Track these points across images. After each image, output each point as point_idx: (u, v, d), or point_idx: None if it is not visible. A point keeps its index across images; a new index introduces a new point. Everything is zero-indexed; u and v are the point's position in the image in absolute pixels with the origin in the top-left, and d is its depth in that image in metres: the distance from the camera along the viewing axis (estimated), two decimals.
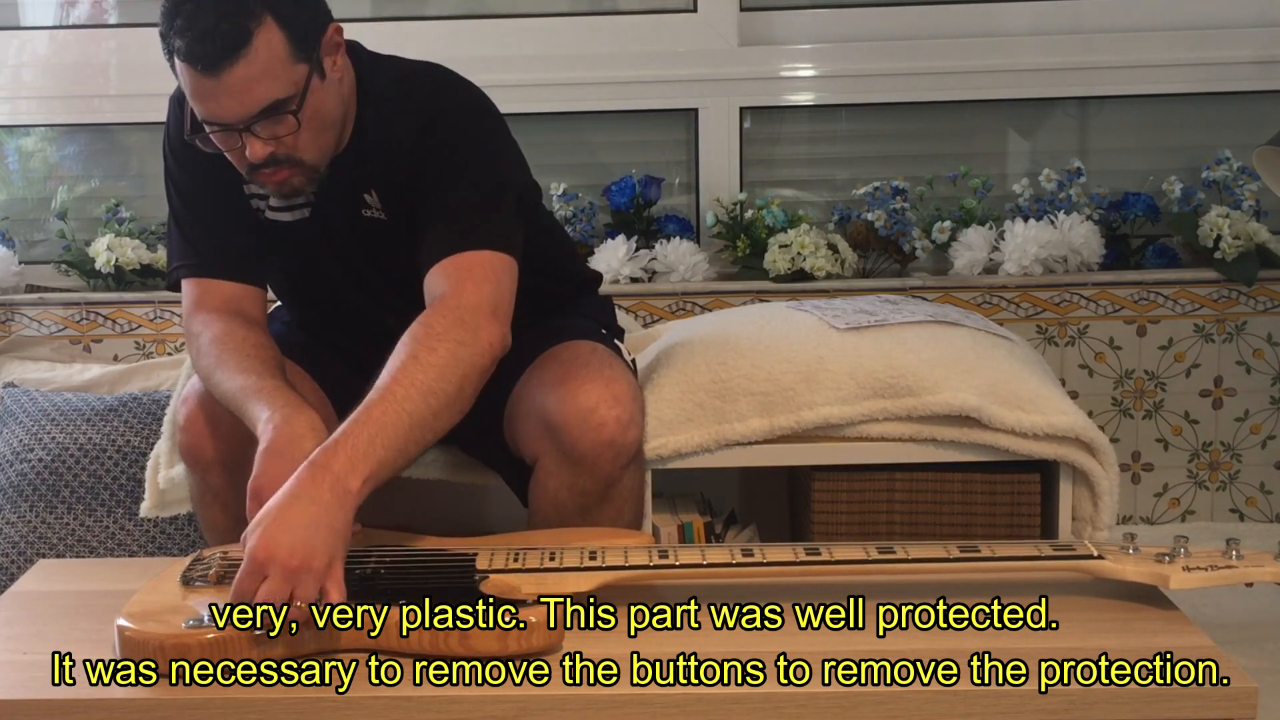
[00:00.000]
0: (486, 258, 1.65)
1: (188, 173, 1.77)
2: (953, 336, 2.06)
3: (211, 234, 1.77)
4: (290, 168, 1.64)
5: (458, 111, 1.73)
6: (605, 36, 2.78)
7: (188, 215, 1.79)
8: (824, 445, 1.98)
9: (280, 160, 1.62)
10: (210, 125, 1.60)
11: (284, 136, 1.60)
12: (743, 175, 2.80)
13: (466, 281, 1.62)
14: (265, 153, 1.60)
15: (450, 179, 1.69)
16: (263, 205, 1.79)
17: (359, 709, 1.31)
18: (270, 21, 1.55)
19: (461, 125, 1.72)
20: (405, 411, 1.47)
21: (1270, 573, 1.48)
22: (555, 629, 1.38)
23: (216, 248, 1.77)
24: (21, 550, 2.21)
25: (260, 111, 1.57)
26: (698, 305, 2.66)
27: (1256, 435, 2.71)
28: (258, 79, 1.55)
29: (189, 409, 1.74)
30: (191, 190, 1.78)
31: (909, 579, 1.57)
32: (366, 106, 1.73)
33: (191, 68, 1.55)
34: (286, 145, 1.61)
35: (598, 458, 1.68)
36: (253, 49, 1.54)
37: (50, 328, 2.70)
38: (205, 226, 1.77)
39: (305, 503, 1.37)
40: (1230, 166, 2.69)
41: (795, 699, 1.31)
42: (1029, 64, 2.75)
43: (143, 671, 1.34)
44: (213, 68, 1.54)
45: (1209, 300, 2.66)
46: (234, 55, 1.53)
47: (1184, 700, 1.30)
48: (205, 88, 1.56)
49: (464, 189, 1.69)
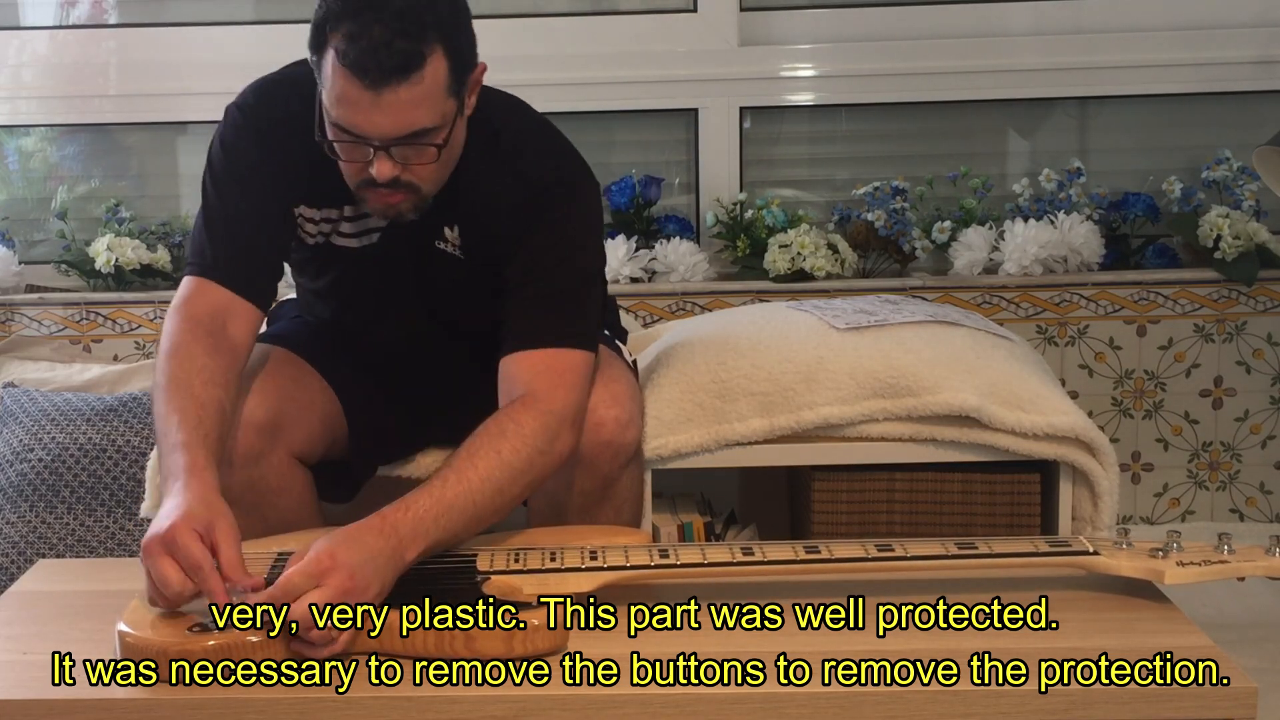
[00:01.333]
0: (578, 360, 1.65)
1: (237, 179, 1.71)
2: (953, 336, 2.06)
3: (235, 242, 1.70)
4: (405, 192, 1.61)
5: (571, 186, 1.71)
6: (605, 36, 2.78)
7: (219, 217, 1.71)
8: (824, 445, 1.99)
9: (400, 184, 1.59)
10: (343, 133, 1.55)
11: (416, 164, 1.58)
12: (743, 175, 2.80)
13: (559, 387, 1.62)
14: (391, 174, 1.57)
15: (553, 261, 1.68)
16: (329, 230, 1.76)
17: (359, 709, 1.31)
18: (440, 51, 1.52)
19: (573, 203, 1.71)
20: (474, 502, 1.50)
21: (1262, 567, 1.50)
22: (559, 630, 1.39)
23: (233, 255, 1.69)
24: (21, 550, 2.21)
25: (407, 136, 1.54)
26: (698, 305, 2.66)
27: (1256, 435, 2.72)
28: (416, 104, 1.52)
29: None
30: (234, 197, 1.71)
31: (908, 577, 1.57)
32: (471, 148, 1.69)
33: (353, 75, 1.50)
34: (414, 172, 1.59)
35: (596, 457, 1.69)
36: (421, 74, 1.50)
37: (50, 328, 2.70)
38: (233, 234, 1.70)
39: (370, 545, 1.41)
40: (1230, 166, 2.69)
41: (795, 699, 1.31)
42: (1029, 64, 2.75)
43: (143, 672, 1.34)
44: (377, 83, 1.49)
45: (1209, 300, 2.66)
46: (403, 76, 1.49)
47: (1184, 700, 1.30)
48: (361, 99, 1.51)
49: (564, 275, 1.68)
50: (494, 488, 1.52)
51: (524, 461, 1.55)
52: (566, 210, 1.70)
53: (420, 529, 1.45)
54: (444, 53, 1.52)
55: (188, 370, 1.58)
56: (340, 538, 1.41)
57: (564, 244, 1.69)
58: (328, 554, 1.38)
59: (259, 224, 1.71)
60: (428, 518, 1.46)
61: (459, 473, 1.51)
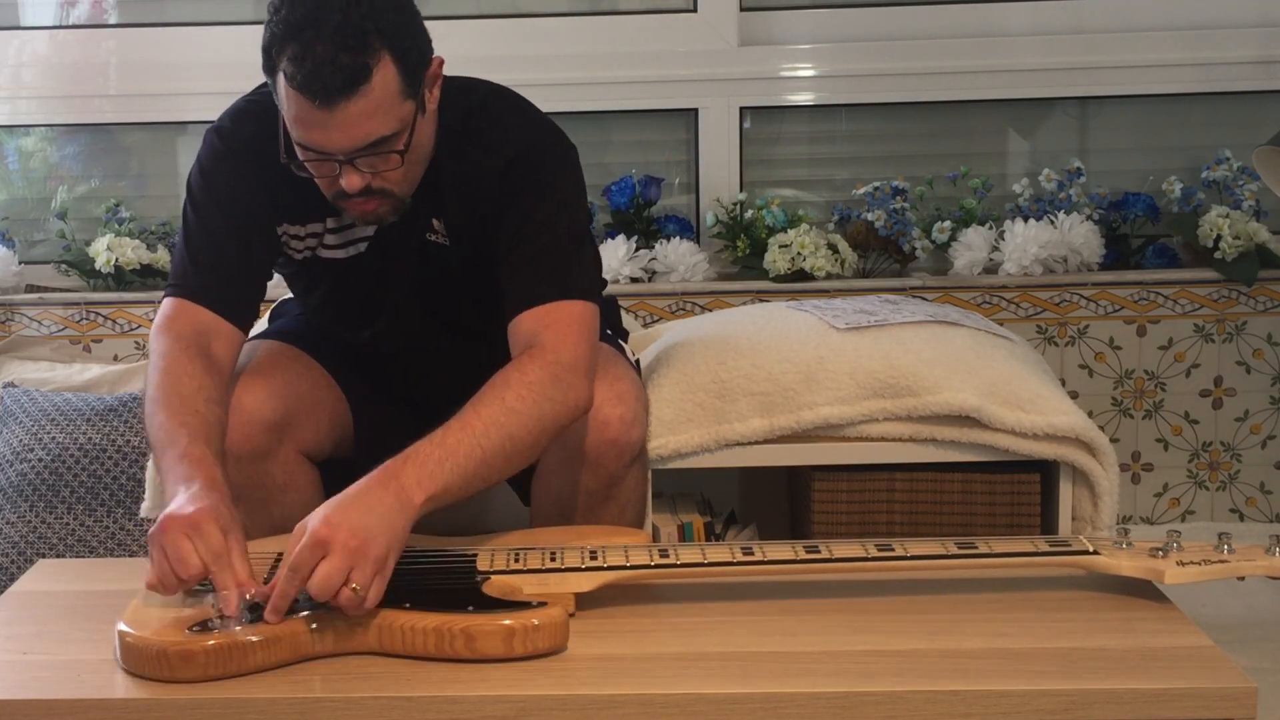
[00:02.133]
0: (580, 310, 1.65)
1: (216, 203, 1.71)
2: (953, 336, 2.06)
3: (217, 265, 1.70)
4: (380, 198, 1.62)
5: (543, 150, 1.71)
6: (605, 36, 2.78)
7: (201, 240, 1.72)
8: (824, 445, 1.99)
9: (373, 191, 1.60)
10: (307, 151, 1.57)
11: (384, 171, 1.58)
12: (743, 175, 2.80)
13: (565, 336, 1.61)
14: (361, 185, 1.58)
15: (538, 222, 1.68)
16: (314, 245, 1.76)
17: (359, 709, 1.31)
18: (387, 58, 1.52)
19: (548, 166, 1.71)
20: (480, 446, 1.47)
21: (1262, 567, 1.50)
22: (560, 630, 1.39)
23: (215, 278, 1.70)
24: (21, 550, 2.21)
25: (366, 147, 1.55)
26: (698, 305, 2.66)
27: (1256, 435, 2.72)
28: (370, 115, 1.52)
29: None
30: (214, 220, 1.72)
31: (908, 576, 1.57)
32: (444, 134, 1.70)
33: (303, 96, 1.50)
34: (384, 178, 1.59)
35: (601, 456, 1.69)
36: (370, 86, 1.51)
37: (50, 328, 2.70)
38: (215, 255, 1.70)
39: (370, 500, 1.39)
40: (1230, 166, 2.69)
41: (795, 699, 1.31)
42: (1029, 64, 2.75)
43: (144, 674, 1.34)
44: (327, 101, 1.49)
45: (1209, 300, 2.66)
46: (350, 91, 1.50)
47: (1184, 700, 1.30)
48: (314, 118, 1.52)
49: (552, 234, 1.68)
50: (501, 433, 1.49)
51: (532, 408, 1.53)
52: (545, 174, 1.70)
53: (424, 473, 1.43)
54: (391, 58, 1.53)
55: (189, 387, 1.58)
56: (335, 501, 1.39)
57: (547, 204, 1.69)
58: (323, 521, 1.36)
59: (240, 247, 1.71)
60: (430, 460, 1.44)
61: (462, 419, 1.49)
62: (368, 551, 1.35)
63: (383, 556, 1.36)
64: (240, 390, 1.68)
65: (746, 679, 1.33)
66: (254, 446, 1.67)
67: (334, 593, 1.34)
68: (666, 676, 1.34)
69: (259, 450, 1.68)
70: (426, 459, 1.44)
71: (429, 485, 1.43)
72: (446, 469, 1.44)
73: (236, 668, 1.34)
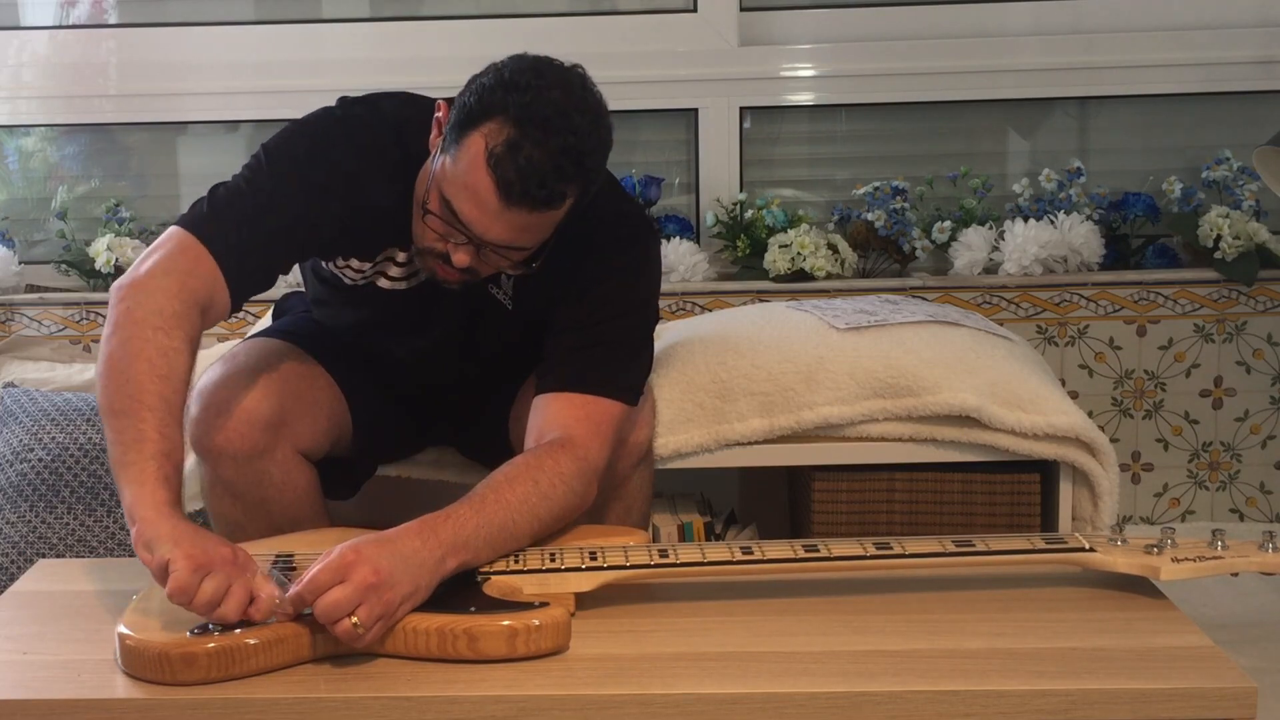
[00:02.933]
0: (618, 412, 1.65)
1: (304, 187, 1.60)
2: (953, 336, 2.06)
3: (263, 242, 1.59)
4: (465, 274, 1.61)
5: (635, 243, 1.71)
6: (605, 36, 2.78)
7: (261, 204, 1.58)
8: (824, 445, 1.99)
9: (469, 269, 1.59)
10: (452, 217, 1.53)
11: (497, 263, 1.58)
12: (743, 175, 2.80)
13: (596, 438, 1.61)
14: (468, 264, 1.57)
15: (617, 311, 1.68)
16: (375, 276, 1.73)
17: (359, 709, 1.31)
18: (575, 193, 1.53)
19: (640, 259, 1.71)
20: (511, 521, 1.48)
21: (1256, 562, 1.50)
22: (563, 630, 1.39)
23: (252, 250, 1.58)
24: (21, 550, 2.21)
25: (509, 247, 1.55)
26: (698, 305, 2.66)
27: (1256, 435, 2.72)
28: (535, 231, 1.54)
29: (202, 401, 1.73)
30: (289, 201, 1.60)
31: (907, 575, 1.57)
32: None
33: (493, 183, 1.48)
34: (488, 266, 1.59)
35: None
36: (556, 211, 1.52)
37: (50, 328, 2.70)
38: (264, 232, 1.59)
39: (404, 548, 1.38)
40: (1230, 166, 2.69)
41: (795, 699, 1.31)
42: (1029, 64, 2.75)
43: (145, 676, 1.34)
44: (511, 203, 1.49)
45: (1209, 300, 2.66)
46: (539, 209, 1.50)
47: (1184, 700, 1.30)
48: (489, 205, 1.50)
49: (626, 329, 1.69)
50: (530, 513, 1.50)
51: (560, 496, 1.54)
52: (631, 264, 1.69)
53: (460, 539, 1.42)
54: (578, 194, 1.54)
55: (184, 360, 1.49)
56: (372, 537, 1.39)
57: (628, 298, 1.69)
58: (352, 549, 1.36)
59: (291, 240, 1.63)
60: (468, 527, 1.44)
61: (498, 492, 1.49)
62: (383, 594, 1.34)
63: (395, 602, 1.35)
64: (238, 389, 1.68)
65: (746, 679, 1.33)
66: (251, 445, 1.67)
67: (336, 620, 1.33)
68: (666, 676, 1.34)
69: (256, 449, 1.68)
70: (464, 524, 1.44)
71: (462, 553, 1.43)
72: (480, 538, 1.45)
73: (238, 670, 1.34)
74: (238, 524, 1.73)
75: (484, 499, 1.48)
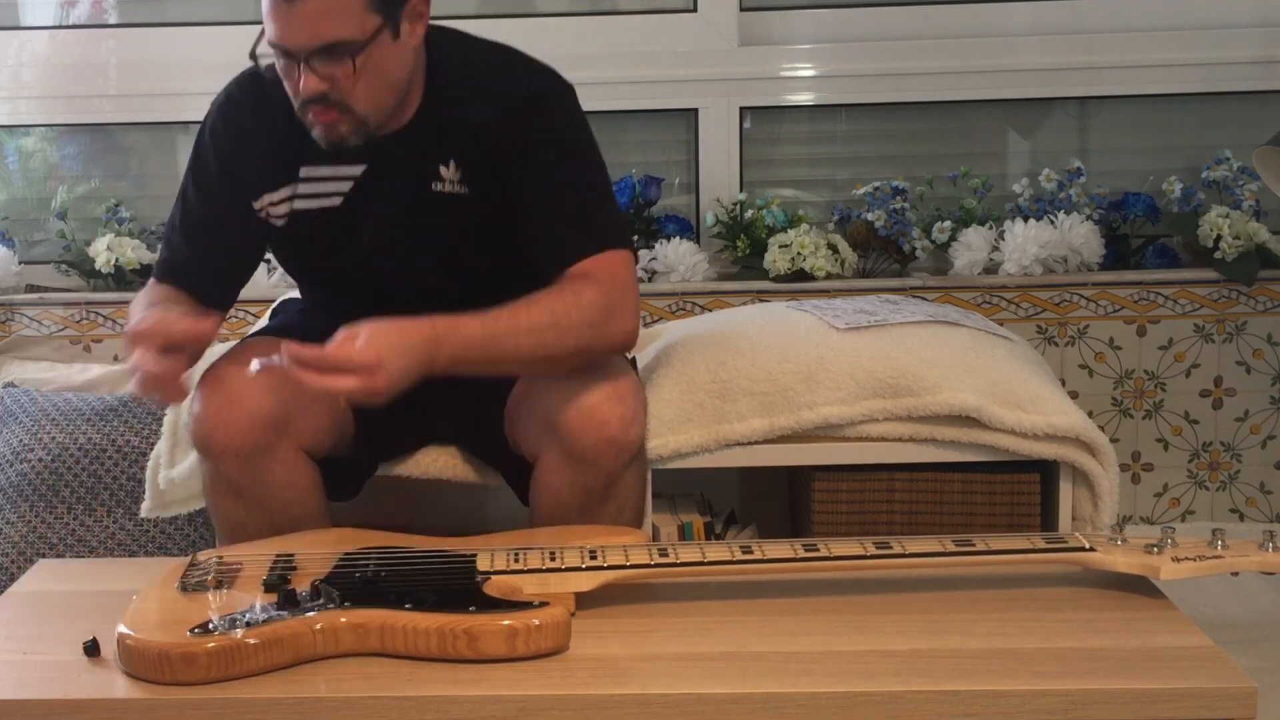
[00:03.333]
0: (625, 256, 1.74)
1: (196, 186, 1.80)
2: (953, 336, 2.06)
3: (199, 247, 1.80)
4: (340, 112, 1.66)
5: (557, 97, 1.78)
6: (605, 36, 2.78)
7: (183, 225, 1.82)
8: (824, 445, 1.99)
9: (331, 101, 1.65)
10: (275, 48, 1.64)
11: (339, 79, 1.63)
12: (743, 175, 2.80)
13: (617, 275, 1.71)
14: (316, 90, 1.63)
15: (565, 171, 1.74)
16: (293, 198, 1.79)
17: (359, 709, 1.31)
18: None
19: (564, 112, 1.77)
20: (515, 344, 1.62)
21: (1255, 562, 1.50)
22: (563, 630, 1.39)
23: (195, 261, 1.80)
24: (21, 550, 2.21)
25: (321, 47, 1.60)
26: (698, 305, 2.66)
27: (1256, 435, 2.72)
28: (327, 15, 1.59)
29: (204, 400, 1.73)
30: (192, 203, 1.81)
31: (907, 574, 1.57)
32: (440, 81, 1.75)
33: None
34: (340, 89, 1.64)
35: (600, 455, 1.69)
36: None
37: (50, 328, 2.70)
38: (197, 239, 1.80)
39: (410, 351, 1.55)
40: (1230, 166, 2.69)
41: (795, 699, 1.31)
42: (1029, 64, 2.75)
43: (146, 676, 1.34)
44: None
45: (1209, 300, 2.66)
46: None
47: (1183, 700, 1.30)
48: (279, 10, 1.60)
49: (580, 184, 1.75)
50: (538, 339, 1.62)
51: (575, 325, 1.64)
52: (560, 118, 1.76)
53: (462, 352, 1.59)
54: None
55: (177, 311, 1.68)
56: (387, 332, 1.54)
57: (569, 155, 1.75)
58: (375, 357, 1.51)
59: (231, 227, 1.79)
60: (471, 342, 1.59)
61: (511, 313, 1.62)
62: (376, 386, 1.51)
63: (383, 393, 1.52)
64: (239, 387, 1.68)
65: (746, 679, 1.33)
66: (253, 443, 1.67)
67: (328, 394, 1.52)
68: (666, 676, 1.34)
69: (259, 447, 1.68)
70: (469, 339, 1.60)
71: (459, 361, 1.60)
72: (479, 352, 1.60)
73: (238, 670, 1.34)
74: (239, 522, 1.73)
75: (496, 318, 1.62)
